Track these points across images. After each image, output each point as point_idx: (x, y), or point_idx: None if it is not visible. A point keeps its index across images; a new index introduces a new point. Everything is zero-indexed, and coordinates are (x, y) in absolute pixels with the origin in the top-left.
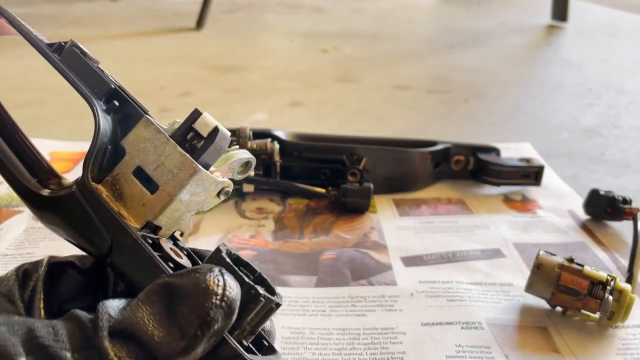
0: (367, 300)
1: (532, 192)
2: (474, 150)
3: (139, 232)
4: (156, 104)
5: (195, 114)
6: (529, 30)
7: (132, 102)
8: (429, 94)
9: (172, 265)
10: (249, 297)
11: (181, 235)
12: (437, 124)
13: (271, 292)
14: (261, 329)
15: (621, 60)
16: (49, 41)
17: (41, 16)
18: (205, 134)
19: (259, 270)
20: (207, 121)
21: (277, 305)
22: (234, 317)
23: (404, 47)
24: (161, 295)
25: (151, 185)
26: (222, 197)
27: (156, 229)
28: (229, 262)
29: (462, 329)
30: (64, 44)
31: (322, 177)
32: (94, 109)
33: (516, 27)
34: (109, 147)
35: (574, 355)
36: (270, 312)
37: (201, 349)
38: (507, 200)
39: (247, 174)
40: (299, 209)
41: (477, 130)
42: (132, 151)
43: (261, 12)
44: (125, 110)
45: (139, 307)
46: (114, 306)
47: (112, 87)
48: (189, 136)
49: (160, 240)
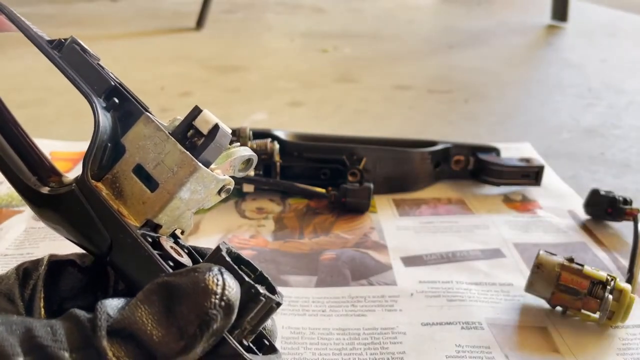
0: (367, 300)
1: (532, 192)
2: (474, 150)
3: (138, 231)
4: (156, 104)
5: (195, 111)
6: (529, 30)
7: (133, 99)
8: (429, 94)
9: (172, 264)
10: (249, 297)
11: (182, 233)
12: (437, 124)
13: (272, 291)
14: (262, 328)
15: (621, 60)
16: (49, 38)
17: (41, 16)
18: (205, 131)
19: (259, 269)
20: (208, 118)
21: (278, 304)
22: (234, 316)
23: (404, 47)
24: (160, 294)
25: (151, 183)
26: (223, 195)
27: (156, 227)
28: (229, 260)
29: (462, 329)
30: (63, 41)
31: (322, 177)
32: (94, 106)
33: (516, 27)
34: (109, 144)
35: (573, 355)
36: (270, 311)
37: (200, 348)
38: (507, 200)
39: (249, 172)
40: (299, 209)
41: (477, 130)
42: (132, 149)
43: (261, 12)
44: (125, 107)
45: (137, 306)
46: (112, 305)
47: (112, 84)
48: (189, 134)
49: (160, 238)
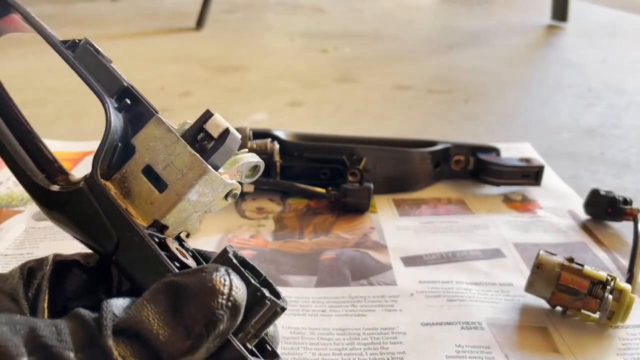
0: (367, 300)
1: (532, 192)
2: (474, 150)
3: (145, 231)
4: (156, 104)
5: (206, 115)
6: (529, 30)
7: (144, 101)
8: (429, 94)
9: (178, 264)
10: (255, 300)
11: (187, 236)
12: (437, 124)
13: (276, 296)
14: (265, 333)
15: (621, 60)
16: (62, 38)
17: (41, 16)
18: (215, 135)
19: (264, 274)
20: (218, 122)
21: (283, 309)
22: (240, 317)
23: (404, 47)
24: (167, 293)
25: (160, 184)
26: (230, 200)
27: (163, 229)
28: (236, 263)
29: (462, 329)
30: (77, 42)
31: (322, 177)
32: (106, 106)
33: (516, 27)
34: (119, 144)
35: (573, 355)
36: (275, 315)
37: (206, 348)
38: (507, 200)
39: (255, 178)
40: (299, 209)
41: (477, 130)
42: (142, 149)
43: (261, 12)
44: (136, 108)
45: (144, 305)
46: (118, 305)
47: (125, 85)
48: (199, 137)
49: (166, 239)
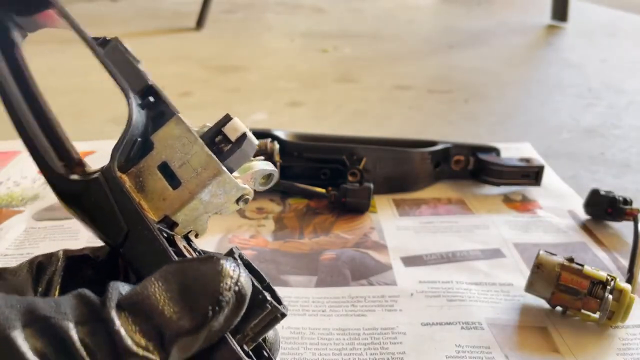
0: (367, 300)
1: (532, 192)
2: (474, 150)
3: (156, 225)
4: None
5: (226, 118)
6: (529, 30)
7: (166, 100)
8: (429, 94)
9: None
10: (256, 302)
11: (196, 236)
12: (437, 124)
13: (278, 302)
14: (264, 340)
15: (621, 60)
16: (93, 35)
17: None
18: (233, 138)
19: (268, 280)
20: (237, 126)
21: (283, 315)
22: (243, 309)
23: (404, 47)
24: (176, 274)
25: (174, 181)
26: (241, 205)
27: (173, 226)
28: (241, 264)
29: (462, 329)
30: (108, 40)
31: (322, 177)
32: (130, 101)
33: (516, 27)
34: (139, 139)
35: (573, 355)
36: (274, 321)
37: (207, 332)
38: (507, 200)
39: (269, 187)
40: (299, 209)
41: (477, 130)
42: (160, 146)
43: (261, 12)
44: (158, 107)
45: (152, 282)
46: (124, 286)
47: (149, 83)
48: (217, 139)
49: (175, 236)
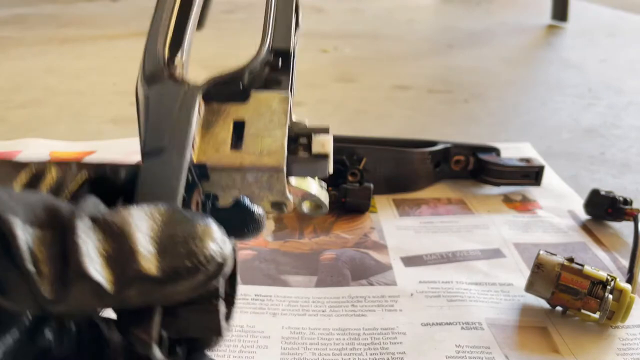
0: (367, 300)
1: (532, 192)
2: (474, 150)
3: (190, 161)
4: None
5: (323, 129)
6: (529, 30)
7: (291, 74)
8: (429, 94)
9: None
10: (209, 292)
11: (216, 199)
12: (437, 124)
13: (230, 298)
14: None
15: (621, 60)
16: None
17: (41, 16)
18: (314, 151)
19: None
20: (325, 143)
21: (216, 311)
22: (218, 281)
23: (404, 47)
24: (170, 216)
25: (237, 143)
26: (274, 210)
27: (202, 177)
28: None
29: (462, 329)
30: None
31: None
32: (262, 47)
33: (516, 27)
34: (241, 85)
35: (573, 355)
36: (208, 314)
37: (170, 289)
38: (507, 200)
39: (311, 214)
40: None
41: (477, 130)
42: (252, 106)
43: (261, 12)
44: (279, 75)
45: (141, 211)
46: (102, 205)
47: (289, 49)
48: (301, 140)
49: (196, 188)
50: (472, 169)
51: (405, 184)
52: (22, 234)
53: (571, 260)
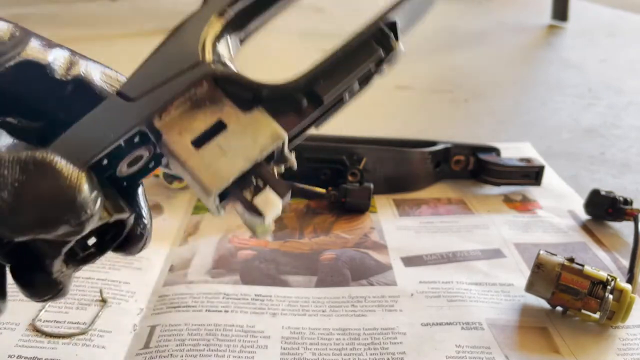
0: (367, 300)
1: (532, 192)
2: (474, 150)
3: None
4: None
5: (285, 187)
6: (529, 30)
7: (310, 121)
8: (429, 93)
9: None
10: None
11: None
12: (437, 124)
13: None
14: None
15: (621, 60)
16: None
17: (41, 16)
18: (255, 202)
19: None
20: (269, 203)
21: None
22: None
23: (404, 47)
24: (39, 164)
25: (201, 142)
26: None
27: (157, 142)
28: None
29: (462, 329)
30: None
31: (322, 177)
32: (296, 81)
33: (516, 27)
34: (252, 97)
35: (574, 355)
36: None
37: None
38: (507, 200)
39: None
40: (299, 209)
41: (477, 130)
42: (244, 120)
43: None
44: (297, 113)
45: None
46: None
47: (324, 100)
48: (258, 181)
49: (146, 144)
50: (472, 169)
51: (405, 184)
52: None
53: (571, 260)
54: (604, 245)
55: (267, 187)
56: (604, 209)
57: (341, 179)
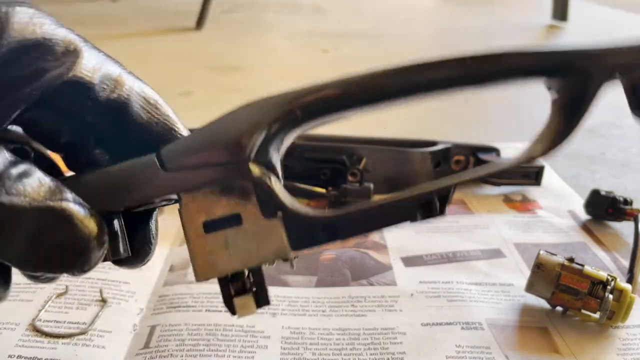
0: (367, 300)
1: (532, 192)
2: (474, 150)
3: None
4: None
5: (265, 300)
6: (529, 30)
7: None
8: None
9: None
10: None
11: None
12: (437, 124)
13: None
14: None
15: None
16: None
17: None
18: (235, 302)
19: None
20: (245, 308)
21: None
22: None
23: (404, 47)
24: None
25: (211, 228)
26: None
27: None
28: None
29: (462, 329)
30: None
31: (322, 177)
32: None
33: (516, 27)
34: (273, 205)
35: (574, 355)
36: None
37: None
38: (507, 200)
39: None
40: None
41: (477, 130)
42: (258, 222)
43: (261, 12)
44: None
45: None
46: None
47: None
48: (245, 282)
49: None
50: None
51: (405, 184)
52: None
53: (571, 260)
54: (604, 245)
55: (251, 293)
56: (604, 209)
57: (341, 179)
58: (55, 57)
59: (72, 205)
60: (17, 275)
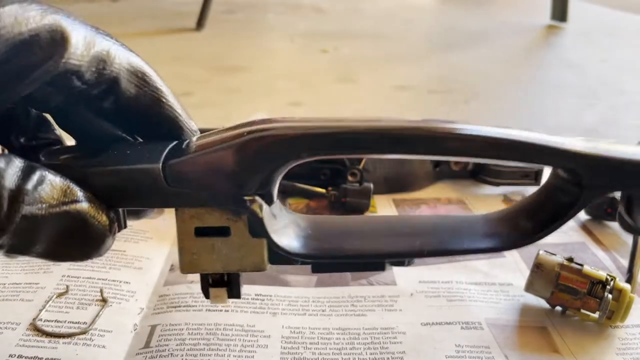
0: (367, 300)
1: (532, 192)
2: None
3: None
4: None
5: (236, 294)
6: (529, 30)
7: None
8: (429, 94)
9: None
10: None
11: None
12: None
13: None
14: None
15: (621, 60)
16: None
17: None
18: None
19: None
20: (220, 297)
21: None
22: None
23: (404, 47)
24: None
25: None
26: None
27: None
28: None
29: (462, 329)
30: None
31: (322, 177)
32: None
33: (516, 27)
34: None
35: (573, 354)
36: None
37: None
38: (507, 200)
39: None
40: (299, 209)
41: None
42: (243, 240)
43: (261, 12)
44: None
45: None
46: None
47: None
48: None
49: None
50: (471, 169)
51: (405, 184)
52: None
53: (571, 260)
54: (603, 245)
55: (226, 288)
56: (603, 208)
57: (341, 179)
58: (43, 54)
59: (84, 205)
60: (17, 275)
